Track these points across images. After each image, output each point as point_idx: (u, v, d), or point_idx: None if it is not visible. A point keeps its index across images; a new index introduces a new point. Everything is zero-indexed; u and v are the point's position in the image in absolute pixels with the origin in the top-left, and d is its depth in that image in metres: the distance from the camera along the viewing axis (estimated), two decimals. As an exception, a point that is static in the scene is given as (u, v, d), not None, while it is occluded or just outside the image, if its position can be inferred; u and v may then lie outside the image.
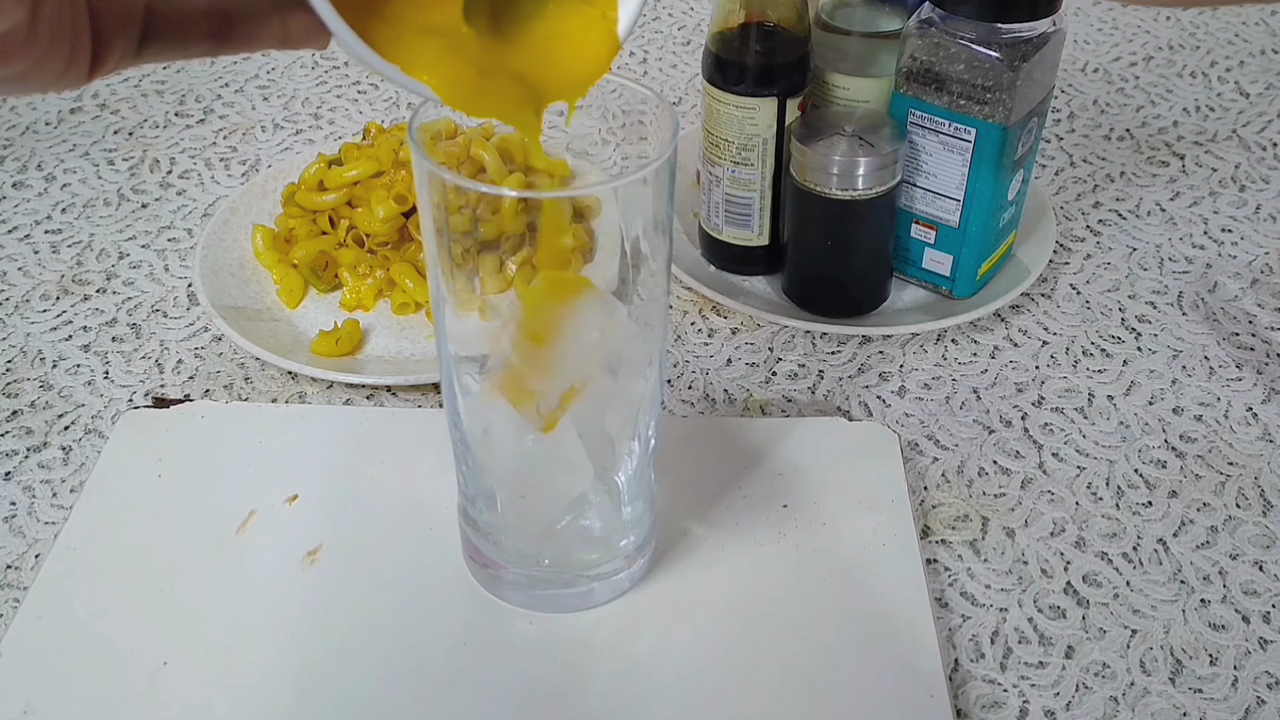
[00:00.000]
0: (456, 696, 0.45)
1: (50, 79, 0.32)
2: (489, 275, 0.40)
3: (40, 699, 0.45)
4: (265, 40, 0.36)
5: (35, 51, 0.31)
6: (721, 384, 0.61)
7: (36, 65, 0.31)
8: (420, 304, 0.65)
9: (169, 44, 0.35)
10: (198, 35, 0.35)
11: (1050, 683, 0.47)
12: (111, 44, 0.33)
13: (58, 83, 0.32)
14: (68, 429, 0.58)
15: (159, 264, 0.70)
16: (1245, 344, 0.64)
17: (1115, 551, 0.52)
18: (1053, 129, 0.83)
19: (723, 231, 0.67)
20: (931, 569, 0.51)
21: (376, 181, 0.67)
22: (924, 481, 0.56)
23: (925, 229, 0.64)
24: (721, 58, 0.61)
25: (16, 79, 0.31)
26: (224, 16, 0.35)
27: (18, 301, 0.67)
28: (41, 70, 0.31)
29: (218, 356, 0.63)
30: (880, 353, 0.63)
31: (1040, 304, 0.67)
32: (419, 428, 0.57)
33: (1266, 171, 0.78)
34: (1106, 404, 0.60)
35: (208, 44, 0.36)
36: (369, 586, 0.49)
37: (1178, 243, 0.72)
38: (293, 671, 0.46)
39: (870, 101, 0.63)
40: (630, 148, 0.41)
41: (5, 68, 0.30)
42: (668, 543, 0.51)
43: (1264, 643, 0.48)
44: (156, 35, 0.35)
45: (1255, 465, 0.56)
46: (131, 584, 0.49)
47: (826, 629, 0.48)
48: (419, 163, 0.38)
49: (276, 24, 0.36)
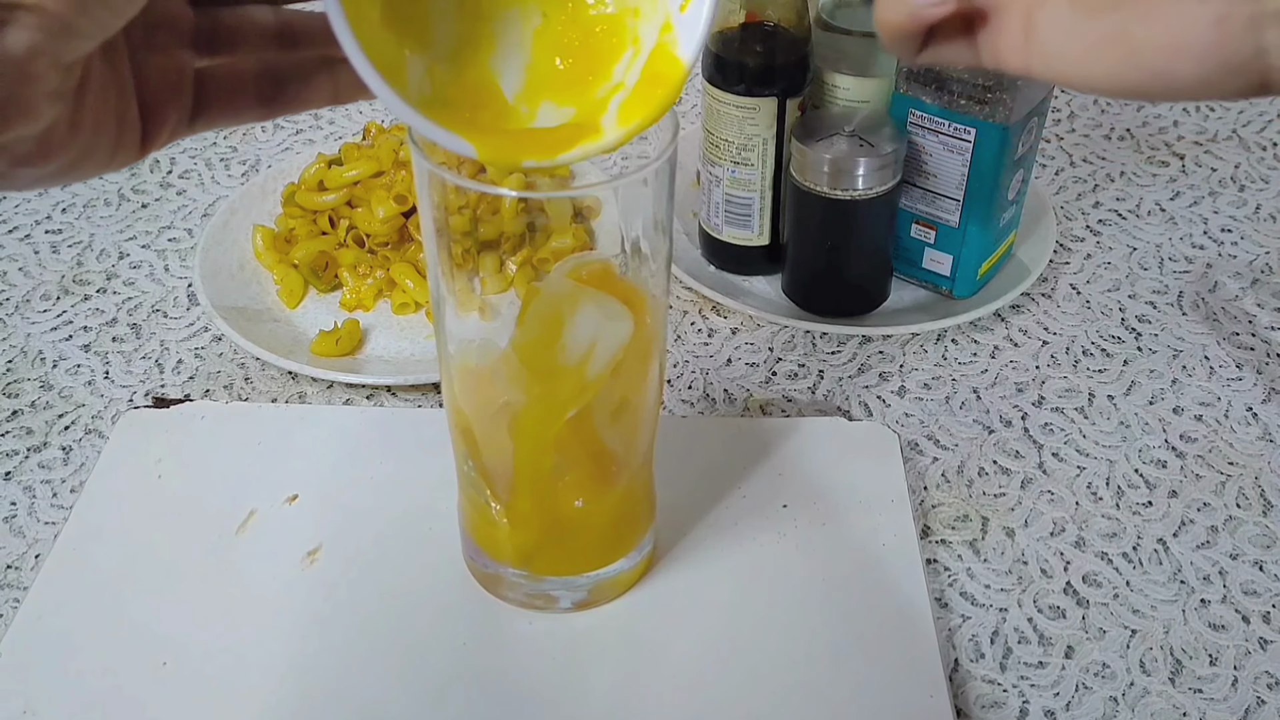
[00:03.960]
0: (456, 696, 0.45)
1: (98, 164, 0.31)
2: (489, 275, 0.40)
3: (40, 699, 0.45)
4: (316, 99, 0.36)
5: (79, 142, 0.30)
6: (721, 384, 0.61)
7: (83, 155, 0.30)
8: (420, 304, 0.65)
9: (221, 112, 0.34)
10: (249, 102, 0.35)
11: (1050, 683, 0.47)
12: (163, 119, 0.33)
13: (108, 165, 0.32)
14: (68, 429, 0.58)
15: (159, 264, 0.70)
16: (1245, 344, 0.64)
17: (1115, 551, 0.52)
18: (1053, 129, 0.83)
19: (723, 231, 0.67)
20: (931, 569, 0.51)
21: (376, 181, 0.67)
22: (924, 481, 0.56)
23: (925, 229, 0.64)
24: (721, 58, 0.61)
25: (63, 171, 0.30)
26: (275, 79, 0.35)
27: (18, 301, 0.67)
28: (88, 160, 0.31)
29: (218, 357, 0.63)
30: (880, 353, 0.63)
31: (1040, 304, 0.67)
32: (419, 428, 0.57)
33: (1266, 171, 0.78)
34: (1106, 404, 0.60)
35: (260, 109, 0.35)
36: (369, 586, 0.49)
37: (1178, 242, 0.72)
38: (293, 671, 0.46)
39: (870, 101, 0.63)
40: (630, 148, 0.41)
41: (49, 163, 0.30)
42: (668, 543, 0.51)
43: (1264, 643, 0.48)
44: (208, 104, 0.34)
45: (1255, 465, 0.56)
46: (131, 584, 0.49)
47: (826, 629, 0.48)
48: (419, 163, 0.38)
49: (327, 81, 0.36)
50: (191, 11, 0.33)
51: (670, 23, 0.35)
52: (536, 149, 0.34)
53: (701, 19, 0.34)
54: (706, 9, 0.34)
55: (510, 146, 0.34)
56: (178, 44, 0.33)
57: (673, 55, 0.34)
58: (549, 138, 0.35)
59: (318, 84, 0.36)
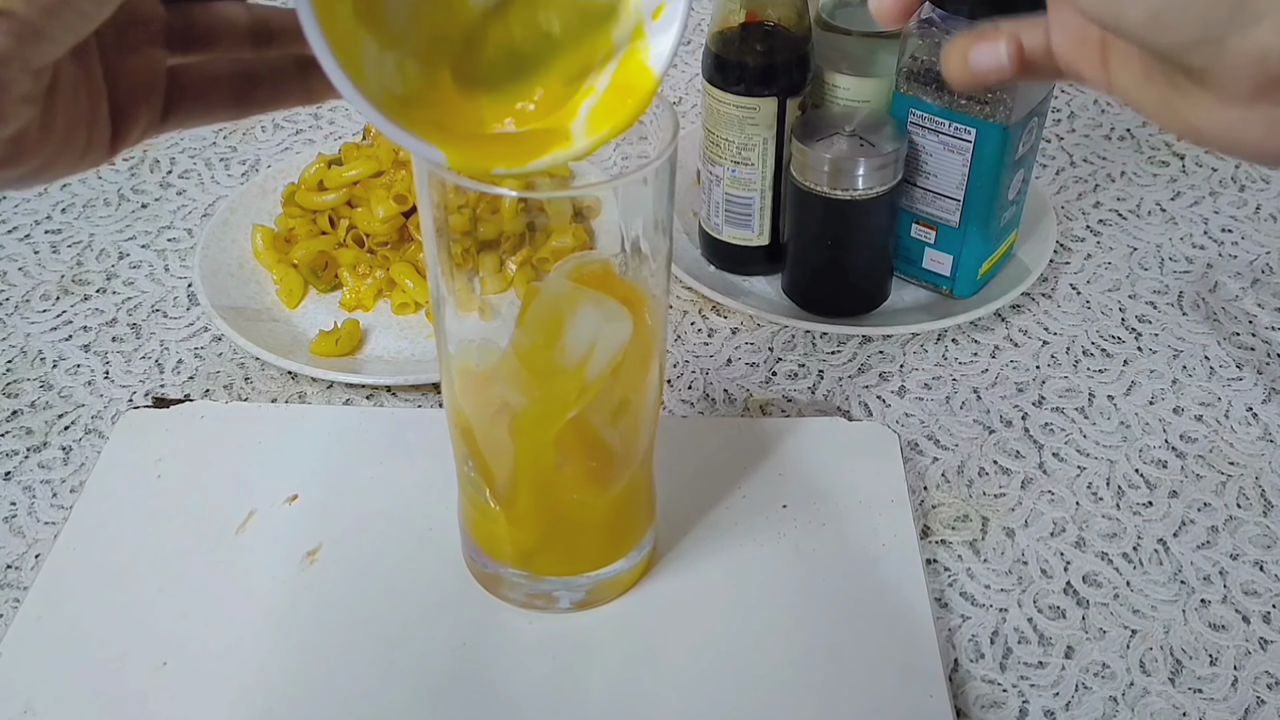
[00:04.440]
0: (456, 696, 0.45)
1: (69, 165, 0.31)
2: (489, 275, 0.40)
3: (40, 699, 0.45)
4: (289, 99, 0.36)
5: (50, 144, 0.30)
6: (721, 384, 0.61)
7: (54, 157, 0.30)
8: (420, 304, 0.65)
9: (193, 111, 0.34)
10: (222, 101, 0.35)
11: (1050, 683, 0.47)
12: (135, 118, 0.33)
13: (79, 165, 0.31)
14: (68, 429, 0.58)
15: (159, 264, 0.70)
16: (1246, 344, 0.64)
17: (1115, 551, 0.52)
18: (1053, 128, 0.83)
19: (723, 231, 0.67)
20: (931, 569, 0.51)
21: (376, 181, 0.67)
22: (924, 481, 0.56)
23: (925, 229, 0.64)
24: (721, 58, 0.61)
25: (34, 173, 0.30)
26: (248, 79, 0.35)
27: (18, 301, 0.67)
28: (60, 161, 0.31)
29: (218, 356, 0.63)
30: (880, 353, 0.63)
31: (1040, 304, 0.67)
32: (419, 428, 0.57)
33: (1266, 171, 0.78)
34: (1107, 404, 0.60)
35: (233, 108, 0.35)
36: (369, 586, 0.49)
37: (1178, 242, 0.72)
38: (292, 671, 0.46)
39: (870, 101, 0.63)
40: (630, 148, 0.41)
41: (20, 166, 0.29)
42: (668, 543, 0.51)
43: (1264, 643, 0.48)
44: (180, 102, 0.34)
45: (1255, 465, 0.56)
46: (131, 584, 0.49)
47: (826, 629, 0.48)
48: (419, 162, 0.38)
49: (299, 82, 0.35)
50: (164, 9, 0.33)
51: (642, 29, 0.34)
52: (506, 156, 0.34)
53: (673, 28, 0.34)
54: (679, 18, 0.34)
55: (479, 154, 0.34)
56: (150, 42, 0.33)
57: (643, 64, 0.34)
58: (518, 144, 0.34)
59: (291, 83, 0.35)
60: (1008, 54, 0.34)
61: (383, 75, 0.33)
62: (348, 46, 0.31)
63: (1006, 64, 0.34)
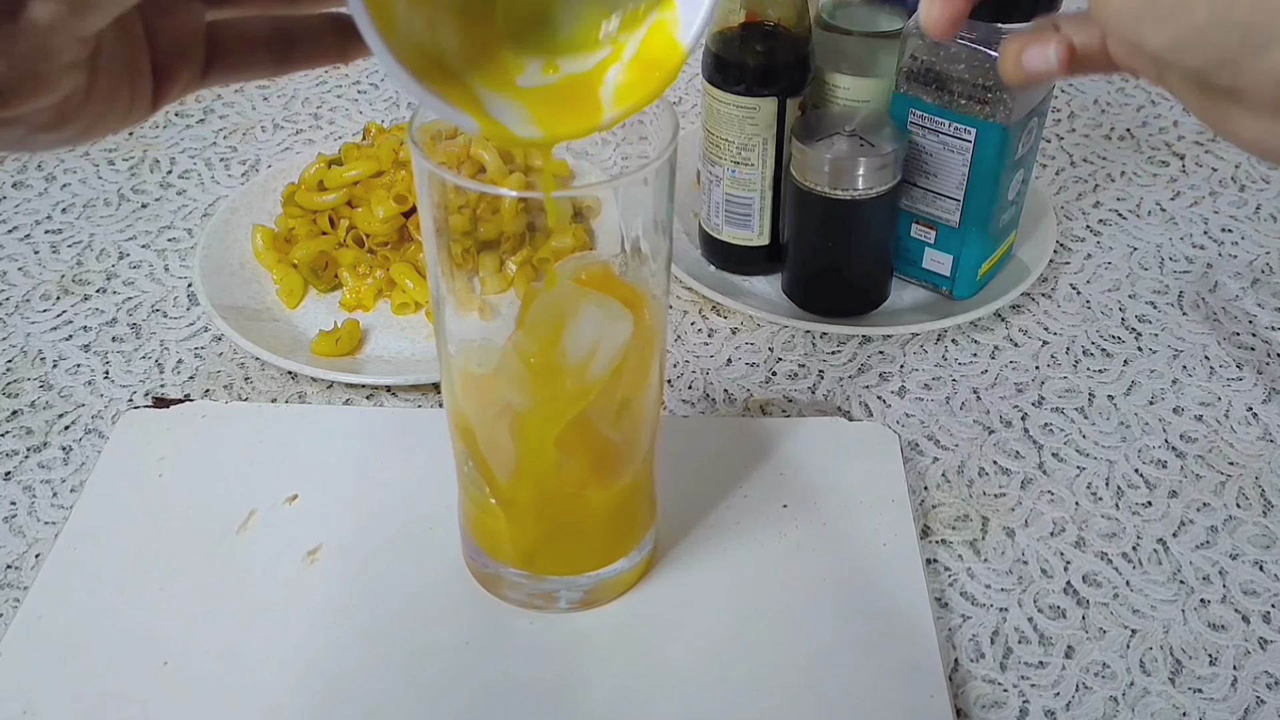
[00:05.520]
0: (456, 696, 0.45)
1: (113, 124, 0.32)
2: (489, 275, 0.40)
3: (40, 699, 0.45)
4: (325, 58, 0.36)
5: (95, 105, 0.30)
6: (721, 384, 0.61)
7: (99, 117, 0.31)
8: (420, 304, 0.65)
9: (232, 68, 0.35)
10: (261, 59, 0.35)
11: (1050, 683, 0.47)
12: (175, 75, 0.33)
13: (123, 123, 0.32)
14: (68, 429, 0.58)
15: (159, 264, 0.70)
16: (1246, 344, 0.64)
17: (1115, 551, 0.52)
18: (1053, 129, 0.83)
19: (723, 231, 0.67)
20: (931, 569, 0.51)
21: (376, 181, 0.67)
22: (924, 481, 0.56)
23: (925, 229, 0.64)
24: (721, 58, 0.61)
25: (80, 134, 0.31)
26: (286, 38, 0.35)
27: (18, 301, 0.67)
28: (104, 120, 0.31)
29: (218, 356, 0.63)
30: (880, 353, 0.63)
31: (1040, 304, 0.67)
32: (419, 428, 0.57)
33: (1266, 171, 0.78)
34: (1106, 404, 0.60)
35: (271, 66, 0.35)
36: (369, 586, 0.49)
37: (1178, 242, 0.72)
38: (293, 671, 0.46)
39: (870, 101, 0.63)
40: (630, 148, 0.41)
41: (67, 128, 0.30)
42: (668, 543, 0.51)
43: (1264, 643, 0.48)
44: (219, 60, 0.34)
45: (1255, 465, 0.56)
46: (131, 584, 0.49)
47: (827, 629, 0.48)
48: (419, 163, 0.38)
49: (335, 41, 0.36)
50: None
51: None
52: (536, 121, 0.34)
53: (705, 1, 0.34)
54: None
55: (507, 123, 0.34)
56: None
57: (671, 37, 0.34)
58: (547, 110, 0.34)
59: (327, 43, 0.36)
60: (1057, 57, 0.36)
61: (413, 31, 0.33)
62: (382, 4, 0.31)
63: (1056, 66, 0.36)
